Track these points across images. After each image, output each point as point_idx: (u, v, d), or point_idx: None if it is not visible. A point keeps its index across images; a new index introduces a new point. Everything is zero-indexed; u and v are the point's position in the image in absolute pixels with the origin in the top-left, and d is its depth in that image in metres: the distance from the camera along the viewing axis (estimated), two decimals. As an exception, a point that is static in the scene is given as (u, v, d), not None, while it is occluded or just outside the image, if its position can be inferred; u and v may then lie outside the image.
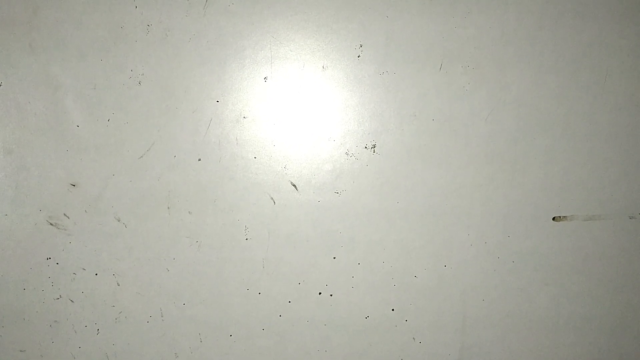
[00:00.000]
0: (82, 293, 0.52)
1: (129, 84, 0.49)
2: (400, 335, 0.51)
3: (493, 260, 0.50)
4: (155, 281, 0.52)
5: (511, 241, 0.50)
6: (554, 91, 0.46)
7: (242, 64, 0.48)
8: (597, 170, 0.47)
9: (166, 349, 0.53)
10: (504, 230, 0.49)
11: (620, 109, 0.46)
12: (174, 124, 0.49)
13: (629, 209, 0.47)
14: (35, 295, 0.52)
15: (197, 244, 0.51)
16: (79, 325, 0.53)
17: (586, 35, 0.45)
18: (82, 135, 0.50)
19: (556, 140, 0.48)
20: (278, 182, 0.49)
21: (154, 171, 0.50)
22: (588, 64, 0.46)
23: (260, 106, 0.49)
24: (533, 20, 0.45)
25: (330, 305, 0.51)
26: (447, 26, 0.46)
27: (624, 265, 0.48)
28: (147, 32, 0.48)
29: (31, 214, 0.51)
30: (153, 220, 0.51)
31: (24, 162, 0.50)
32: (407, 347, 0.53)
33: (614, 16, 0.45)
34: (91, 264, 0.52)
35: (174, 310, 0.52)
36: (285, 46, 0.48)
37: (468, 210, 0.48)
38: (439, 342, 0.51)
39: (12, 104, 0.49)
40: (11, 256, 0.52)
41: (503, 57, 0.46)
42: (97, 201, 0.51)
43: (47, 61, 0.49)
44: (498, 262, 0.50)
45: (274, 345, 0.52)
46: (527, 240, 0.50)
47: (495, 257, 0.50)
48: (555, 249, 0.50)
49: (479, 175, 0.47)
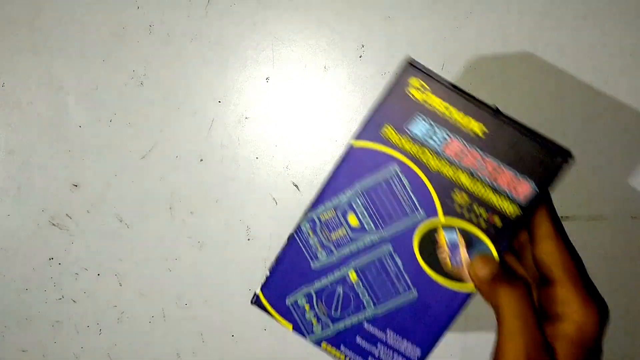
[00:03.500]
0: (84, 293, 0.52)
1: (131, 84, 0.49)
2: (402, 336, 0.51)
3: (495, 261, 0.50)
4: (157, 281, 0.52)
5: (513, 241, 0.50)
6: (555, 91, 0.46)
7: (244, 64, 0.48)
8: (599, 170, 0.47)
9: (168, 349, 0.53)
10: (505, 230, 0.49)
11: (622, 108, 0.46)
12: (176, 125, 0.49)
13: (631, 209, 0.48)
14: (37, 296, 0.52)
15: (199, 244, 0.51)
16: (81, 326, 0.53)
17: (588, 36, 0.46)
18: (84, 136, 0.50)
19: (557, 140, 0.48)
20: (280, 183, 0.49)
21: (156, 172, 0.50)
22: (589, 64, 0.46)
23: (262, 106, 0.49)
24: (534, 20, 0.46)
25: (332, 306, 0.51)
26: (449, 27, 0.46)
27: (627, 264, 0.48)
28: (149, 33, 0.48)
29: (33, 214, 0.51)
30: (155, 221, 0.51)
31: (26, 162, 0.50)
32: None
33: (616, 16, 0.45)
34: (93, 264, 0.52)
35: (176, 311, 0.52)
36: (286, 47, 0.48)
37: (470, 210, 0.48)
38: (440, 342, 0.51)
39: (14, 104, 0.49)
40: (13, 256, 0.52)
41: (504, 58, 0.46)
42: (99, 201, 0.51)
43: (49, 62, 0.49)
44: (500, 262, 0.50)
45: (275, 345, 0.52)
46: (528, 240, 0.50)
47: (496, 257, 0.50)
48: (556, 249, 0.50)
49: (481, 176, 0.47)
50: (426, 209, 0.37)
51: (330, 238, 0.39)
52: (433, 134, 0.36)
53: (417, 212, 0.37)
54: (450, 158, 0.35)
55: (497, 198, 0.35)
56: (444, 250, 0.36)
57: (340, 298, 0.40)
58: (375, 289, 0.39)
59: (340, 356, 0.40)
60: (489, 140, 0.35)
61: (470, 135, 0.35)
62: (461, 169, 0.35)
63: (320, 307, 0.40)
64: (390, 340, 0.39)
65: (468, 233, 0.36)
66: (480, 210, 0.35)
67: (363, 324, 0.39)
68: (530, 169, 0.34)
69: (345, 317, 0.40)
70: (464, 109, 0.35)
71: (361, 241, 0.39)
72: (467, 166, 0.35)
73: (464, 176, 0.35)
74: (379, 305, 0.39)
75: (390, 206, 0.38)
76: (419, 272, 0.37)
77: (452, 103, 0.35)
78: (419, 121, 0.36)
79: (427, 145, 0.36)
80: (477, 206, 0.35)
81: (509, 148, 0.34)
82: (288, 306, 0.41)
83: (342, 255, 0.39)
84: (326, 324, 0.40)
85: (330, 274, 0.40)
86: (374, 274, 0.39)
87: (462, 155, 0.35)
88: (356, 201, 0.39)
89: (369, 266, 0.39)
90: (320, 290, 0.40)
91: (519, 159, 0.34)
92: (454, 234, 0.36)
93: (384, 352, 0.39)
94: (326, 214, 0.40)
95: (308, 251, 0.41)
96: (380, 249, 0.38)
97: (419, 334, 0.38)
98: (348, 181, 0.38)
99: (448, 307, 0.37)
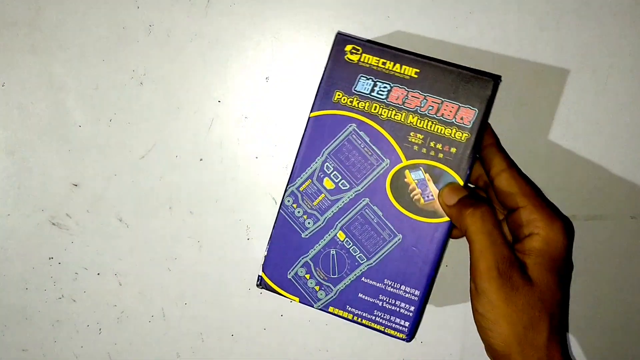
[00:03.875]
0: (84, 293, 0.53)
1: (130, 84, 0.49)
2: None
3: (494, 260, 0.50)
4: (157, 281, 0.52)
5: (512, 241, 0.50)
6: (556, 91, 0.46)
7: (244, 64, 0.48)
8: (598, 169, 0.47)
9: (168, 349, 0.53)
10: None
11: (622, 108, 0.46)
12: (175, 124, 0.49)
13: (630, 209, 0.48)
14: (37, 295, 0.52)
15: (199, 244, 0.51)
16: (81, 325, 0.53)
17: (588, 36, 0.46)
18: (84, 136, 0.50)
19: (557, 140, 0.48)
20: (280, 183, 0.49)
21: (156, 171, 0.50)
22: (589, 64, 0.46)
23: (262, 106, 0.49)
24: (534, 20, 0.46)
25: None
26: (449, 26, 0.46)
27: (626, 265, 0.48)
28: (148, 33, 0.48)
29: (33, 214, 0.51)
30: (155, 220, 0.51)
31: (26, 162, 0.50)
32: (408, 347, 0.53)
33: (616, 16, 0.45)
34: (93, 264, 0.52)
35: (176, 310, 0.52)
36: (286, 46, 0.48)
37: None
38: (440, 342, 0.51)
39: (14, 104, 0.49)
40: (13, 256, 0.52)
41: (505, 57, 0.46)
42: (99, 201, 0.51)
43: (49, 62, 0.49)
44: (499, 262, 0.50)
45: (275, 345, 0.52)
46: (528, 240, 0.50)
47: (496, 257, 0.50)
48: (556, 249, 0.50)
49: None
50: (389, 156, 0.40)
51: (313, 206, 0.42)
52: (376, 88, 0.40)
53: (382, 162, 0.40)
54: (397, 105, 0.39)
55: (447, 130, 0.38)
56: (415, 189, 0.39)
57: (335, 259, 0.42)
58: (363, 243, 0.41)
59: (348, 316, 0.42)
60: (424, 80, 0.39)
61: (407, 79, 0.39)
62: (409, 111, 0.39)
63: (319, 273, 0.42)
64: (389, 288, 0.41)
65: (432, 168, 0.39)
66: (437, 145, 0.39)
67: (361, 279, 0.41)
68: (468, 95, 0.38)
69: (344, 277, 0.42)
70: (394, 59, 0.39)
71: (341, 201, 0.41)
72: (413, 108, 0.39)
73: (413, 117, 0.39)
74: (370, 257, 0.41)
75: (358, 162, 0.41)
76: (398, 216, 0.40)
77: (383, 57, 0.39)
78: (362, 80, 0.40)
79: (374, 99, 0.40)
80: (433, 142, 0.39)
81: (443, 83, 0.38)
82: (290, 279, 0.43)
83: (327, 219, 0.42)
84: (328, 287, 0.42)
85: (321, 239, 0.42)
86: (359, 228, 0.41)
87: (405, 100, 0.39)
88: (327, 166, 0.41)
89: (353, 223, 0.41)
90: (315, 257, 0.42)
91: (455, 89, 0.38)
92: (419, 172, 0.39)
93: (386, 301, 0.41)
94: (304, 185, 0.42)
95: (296, 223, 0.42)
96: (358, 204, 0.41)
97: (414, 275, 0.40)
98: (316, 150, 0.41)
99: (432, 241, 0.39)
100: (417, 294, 0.40)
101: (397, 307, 0.41)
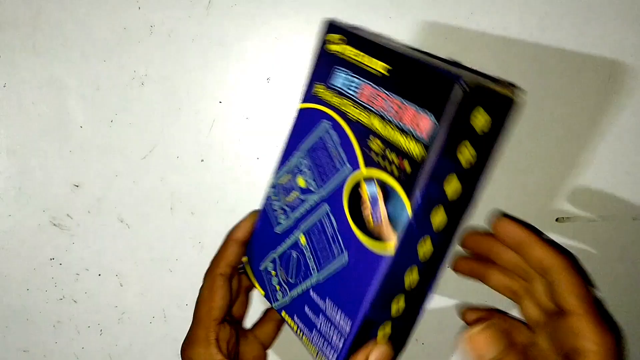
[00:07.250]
0: (85, 294, 0.52)
1: (132, 85, 0.49)
2: (402, 336, 0.51)
3: (496, 261, 0.50)
4: (158, 282, 0.52)
5: (514, 242, 0.50)
6: (557, 91, 0.46)
7: (245, 64, 0.48)
8: (600, 171, 0.47)
9: (169, 350, 0.53)
10: (506, 231, 0.49)
11: (623, 109, 0.46)
12: (177, 125, 0.49)
13: (632, 211, 0.47)
14: (38, 296, 0.52)
15: (200, 245, 0.51)
16: (82, 326, 0.53)
17: (589, 36, 0.45)
18: (86, 136, 0.50)
19: (559, 140, 0.48)
20: (281, 183, 0.49)
21: (157, 172, 0.50)
22: (591, 65, 0.46)
23: (263, 107, 0.49)
24: (535, 21, 0.45)
25: (333, 306, 0.51)
26: (450, 27, 0.46)
27: (628, 266, 0.48)
28: (150, 33, 0.48)
29: (34, 214, 0.51)
30: (156, 221, 0.51)
31: (27, 163, 0.50)
32: (408, 348, 0.53)
33: (617, 17, 0.45)
34: (94, 265, 0.52)
35: (177, 311, 0.52)
36: (287, 47, 0.48)
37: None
38: (440, 342, 0.51)
39: (15, 105, 0.49)
40: (15, 257, 0.52)
41: (506, 58, 0.46)
42: (100, 202, 0.51)
43: (50, 62, 0.49)
44: (501, 263, 0.50)
45: (276, 345, 0.52)
46: (529, 241, 0.49)
47: (498, 258, 0.50)
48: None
49: (482, 176, 0.47)
50: (351, 161, 0.34)
51: (287, 202, 0.39)
52: (350, 83, 0.35)
53: (344, 166, 0.34)
54: (365, 104, 0.34)
55: (404, 139, 0.31)
56: (367, 205, 0.33)
57: (294, 263, 0.38)
58: (318, 253, 0.36)
59: (294, 327, 0.38)
60: (393, 78, 0.32)
61: (377, 75, 0.33)
62: (374, 113, 0.33)
63: (281, 273, 0.39)
64: (328, 311, 0.35)
65: (384, 184, 0.32)
66: (392, 156, 0.32)
67: (310, 292, 0.36)
68: (428, 100, 0.30)
69: (297, 284, 0.38)
70: (370, 51, 0.34)
71: (307, 203, 0.37)
72: (378, 109, 0.33)
73: (376, 120, 0.33)
74: (320, 270, 0.36)
75: (326, 164, 0.36)
76: (348, 232, 0.34)
77: (363, 49, 0.34)
78: (339, 74, 0.36)
79: (347, 95, 0.35)
80: (389, 152, 0.32)
81: (409, 82, 0.31)
82: (261, 272, 0.40)
83: (295, 218, 0.38)
84: (285, 290, 0.38)
85: (287, 238, 0.38)
86: (317, 236, 0.36)
87: (373, 99, 0.33)
88: (302, 162, 0.38)
89: (313, 229, 0.37)
90: (281, 255, 0.39)
91: (418, 92, 0.31)
92: (373, 186, 0.33)
93: (324, 324, 0.35)
94: (284, 178, 0.39)
95: (272, 216, 0.40)
96: (320, 209, 0.36)
97: (349, 304, 0.33)
98: (296, 144, 0.38)
99: (369, 272, 0.32)
100: (347, 329, 0.33)
101: (329, 335, 0.35)
